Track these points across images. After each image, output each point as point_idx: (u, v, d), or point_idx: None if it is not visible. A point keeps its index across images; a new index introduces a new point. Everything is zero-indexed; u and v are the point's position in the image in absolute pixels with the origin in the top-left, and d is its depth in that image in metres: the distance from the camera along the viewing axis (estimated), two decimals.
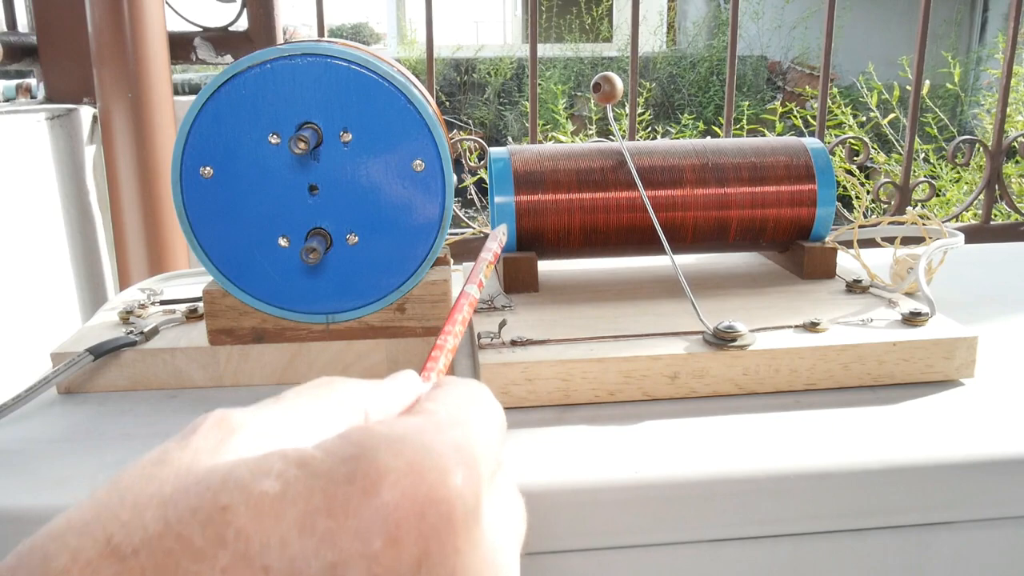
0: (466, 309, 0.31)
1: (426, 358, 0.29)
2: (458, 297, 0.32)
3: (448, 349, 0.29)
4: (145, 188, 0.94)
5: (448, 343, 0.29)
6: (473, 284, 0.33)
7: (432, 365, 0.28)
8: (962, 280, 0.69)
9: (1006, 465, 0.41)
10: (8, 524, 0.37)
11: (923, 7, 1.12)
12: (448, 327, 0.30)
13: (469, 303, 0.32)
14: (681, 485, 0.39)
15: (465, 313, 0.31)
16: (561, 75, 5.70)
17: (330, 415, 0.23)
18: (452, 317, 0.31)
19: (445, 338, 0.29)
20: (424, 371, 0.28)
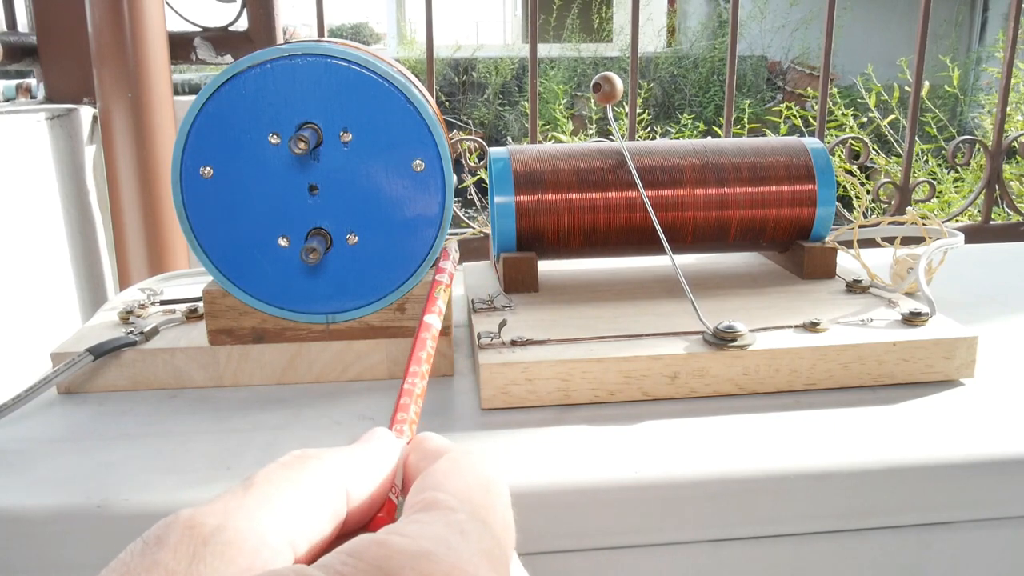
0: (429, 344, 0.28)
1: (394, 407, 0.26)
2: (417, 330, 0.29)
3: (417, 395, 0.26)
4: (145, 188, 0.94)
5: (416, 387, 0.27)
6: (432, 313, 0.29)
7: (403, 416, 0.26)
8: (962, 280, 0.69)
9: (1006, 465, 0.41)
10: (8, 524, 0.37)
11: (923, 7, 1.12)
12: (413, 367, 0.27)
13: (432, 336, 0.28)
14: (681, 485, 0.39)
15: (428, 349, 0.28)
16: (562, 75, 5.70)
17: (310, 501, 0.20)
18: (414, 355, 0.28)
19: (412, 381, 0.27)
20: (394, 423, 0.25)
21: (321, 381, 0.51)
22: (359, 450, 0.23)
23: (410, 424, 0.26)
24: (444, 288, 0.31)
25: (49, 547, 0.38)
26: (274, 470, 0.21)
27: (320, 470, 0.21)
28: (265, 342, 0.50)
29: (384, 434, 0.24)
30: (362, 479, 0.22)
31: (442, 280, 0.32)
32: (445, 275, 0.32)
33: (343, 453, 0.23)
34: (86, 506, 0.38)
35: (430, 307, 0.30)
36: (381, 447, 0.24)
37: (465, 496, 0.21)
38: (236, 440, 0.44)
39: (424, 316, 0.29)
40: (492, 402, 0.46)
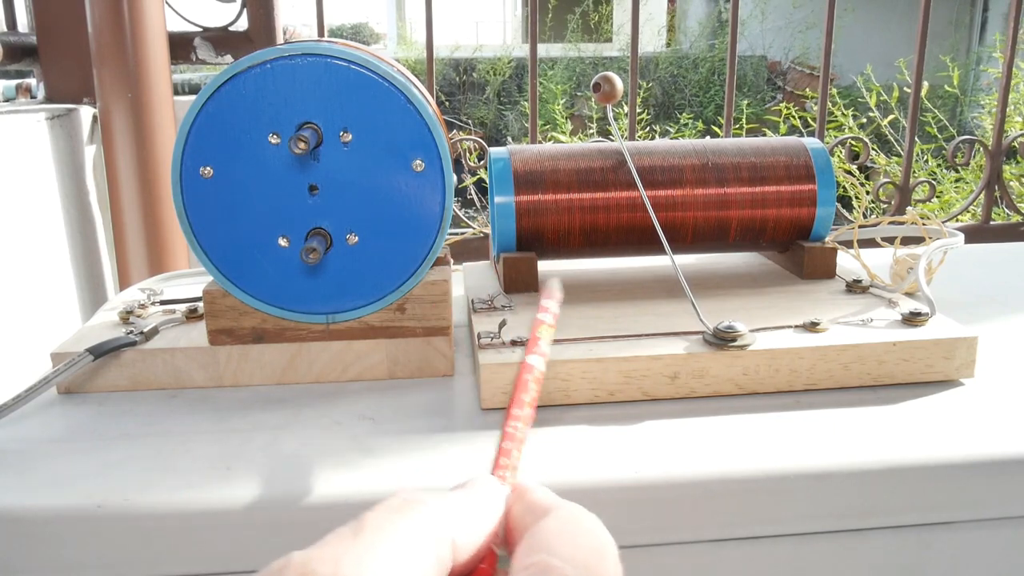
0: (532, 387, 0.27)
1: (496, 451, 0.25)
2: (519, 372, 0.28)
3: (519, 439, 0.26)
4: (145, 188, 0.94)
5: (519, 431, 0.26)
6: (536, 354, 0.28)
7: (506, 462, 0.25)
8: (962, 280, 0.69)
9: (1006, 465, 0.41)
10: (8, 524, 0.37)
11: (923, 7, 1.12)
12: (515, 410, 0.26)
13: (535, 379, 0.28)
14: (681, 485, 0.39)
15: (532, 392, 0.27)
16: (561, 75, 5.70)
17: (417, 550, 0.20)
18: (517, 398, 0.27)
19: (514, 425, 0.26)
20: (497, 469, 0.25)
21: (321, 381, 0.51)
22: (466, 497, 0.23)
23: (512, 471, 0.25)
24: (547, 327, 0.30)
25: (49, 547, 0.38)
26: (383, 514, 0.21)
27: (428, 517, 0.21)
28: (265, 342, 0.50)
29: (489, 481, 0.24)
30: (468, 528, 0.22)
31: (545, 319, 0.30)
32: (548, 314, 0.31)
33: (450, 500, 0.22)
34: (86, 506, 0.38)
35: (532, 347, 0.29)
36: (487, 495, 0.23)
37: (580, 563, 0.20)
38: (236, 440, 0.44)
39: (527, 357, 0.28)
40: (492, 402, 0.46)
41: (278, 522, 0.38)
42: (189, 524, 0.38)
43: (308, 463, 0.41)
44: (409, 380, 0.51)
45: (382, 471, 0.40)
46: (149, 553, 0.38)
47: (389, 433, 0.44)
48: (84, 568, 0.38)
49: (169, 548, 0.38)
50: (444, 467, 0.41)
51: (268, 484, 0.39)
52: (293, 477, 0.40)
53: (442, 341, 0.51)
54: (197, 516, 0.38)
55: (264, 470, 0.40)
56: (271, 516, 0.38)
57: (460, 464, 0.41)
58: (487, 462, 0.41)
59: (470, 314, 0.55)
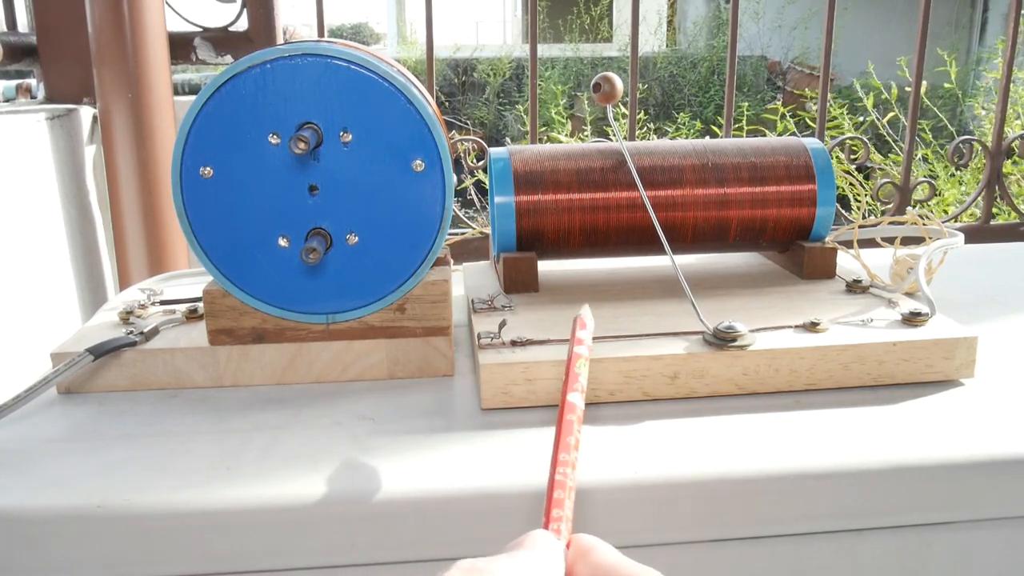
0: (575, 427, 0.26)
1: (547, 501, 0.24)
2: (560, 411, 0.26)
3: (570, 487, 0.24)
4: (145, 188, 0.94)
5: (568, 478, 0.24)
6: (576, 391, 0.27)
7: (559, 514, 0.24)
8: (962, 280, 0.69)
9: (1006, 465, 0.41)
10: (8, 524, 0.37)
11: (923, 7, 1.12)
12: (562, 455, 0.25)
13: (577, 418, 0.26)
14: (681, 485, 0.39)
15: (576, 434, 0.26)
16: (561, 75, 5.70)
17: None
18: (562, 442, 0.25)
19: (563, 472, 0.24)
20: (550, 522, 0.24)
21: (321, 381, 0.51)
22: (527, 560, 0.22)
23: (566, 522, 0.24)
24: (584, 362, 0.28)
25: (49, 547, 0.38)
26: None
27: None
28: (265, 342, 0.50)
29: (546, 538, 0.23)
30: None
31: (581, 353, 0.28)
32: (584, 347, 0.29)
33: (512, 565, 0.22)
34: (86, 506, 0.38)
35: (571, 384, 0.27)
36: (547, 555, 0.23)
37: None
38: (236, 440, 0.44)
39: (567, 395, 0.26)
40: (492, 402, 0.46)
41: (278, 522, 0.38)
42: (189, 524, 0.38)
43: (308, 463, 0.41)
44: (409, 380, 0.51)
45: (382, 471, 0.40)
46: (149, 553, 0.38)
47: (389, 433, 0.44)
48: (84, 568, 0.38)
49: (169, 548, 0.38)
50: (444, 467, 0.41)
51: (268, 484, 0.39)
52: (293, 477, 0.40)
53: (442, 341, 0.51)
54: (197, 516, 0.38)
55: (264, 470, 0.40)
56: (271, 516, 0.38)
57: (460, 464, 0.41)
58: (487, 463, 0.41)
59: (470, 314, 0.55)
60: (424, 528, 0.39)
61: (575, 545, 0.23)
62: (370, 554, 0.39)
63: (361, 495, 0.38)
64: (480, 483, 0.39)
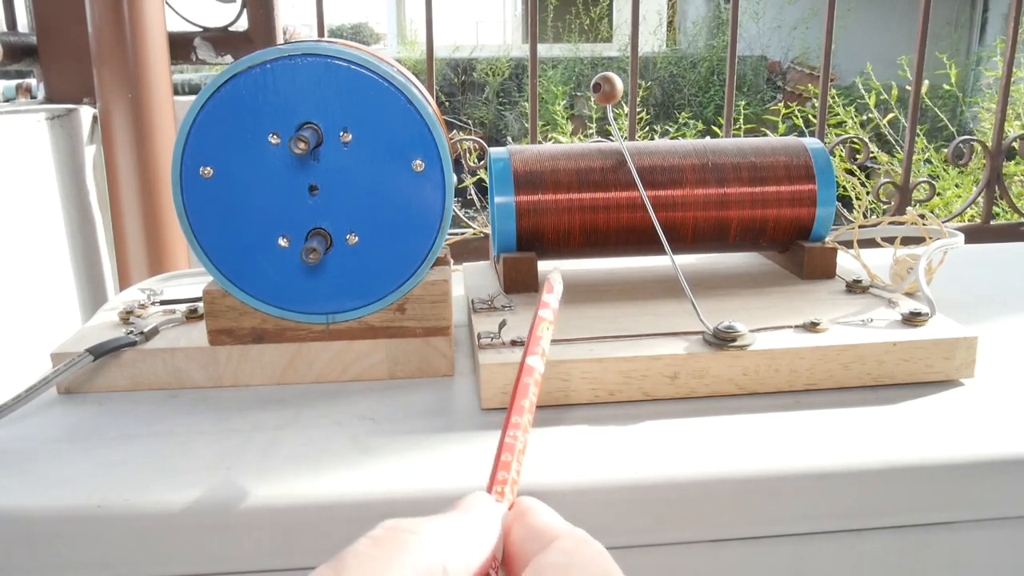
0: (532, 391, 0.25)
1: (494, 464, 0.23)
2: (518, 374, 0.26)
3: (519, 451, 0.24)
4: (145, 188, 0.94)
5: (518, 441, 0.24)
6: (535, 355, 0.26)
7: (504, 476, 0.23)
8: (962, 280, 0.69)
9: (1006, 465, 0.41)
10: (8, 524, 0.37)
11: (923, 7, 1.12)
12: (514, 417, 0.24)
13: (535, 382, 0.26)
14: (681, 485, 0.39)
15: (532, 397, 0.25)
16: (561, 75, 5.70)
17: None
18: (516, 404, 0.25)
19: (513, 435, 0.24)
20: (494, 484, 0.23)
21: (321, 381, 0.51)
22: (458, 521, 0.21)
23: (511, 485, 0.23)
24: (548, 325, 0.27)
25: (49, 547, 0.38)
26: (366, 549, 0.19)
27: (416, 548, 0.20)
28: (265, 342, 0.50)
29: (484, 500, 0.22)
30: (461, 556, 0.20)
31: (546, 316, 0.28)
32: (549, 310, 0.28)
33: (440, 525, 0.21)
34: (86, 506, 0.38)
35: (532, 347, 0.26)
36: (482, 517, 0.22)
37: None
38: (236, 440, 0.44)
39: (526, 358, 0.26)
40: (492, 402, 0.46)
41: (278, 522, 0.38)
42: (189, 524, 0.38)
43: (308, 463, 0.41)
44: (409, 380, 0.51)
45: (382, 471, 0.40)
46: (149, 553, 0.38)
47: (389, 433, 0.44)
48: (84, 568, 0.38)
49: (169, 548, 0.38)
50: (444, 467, 0.41)
51: (268, 484, 0.39)
52: (293, 477, 0.40)
53: (442, 341, 0.51)
54: (197, 516, 0.38)
55: (264, 470, 0.40)
56: (271, 516, 0.38)
57: (460, 464, 0.41)
58: (487, 463, 0.41)
59: (470, 314, 0.55)
60: None
61: (516, 507, 0.23)
62: None
63: (361, 495, 0.38)
64: (480, 483, 0.39)
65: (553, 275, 0.31)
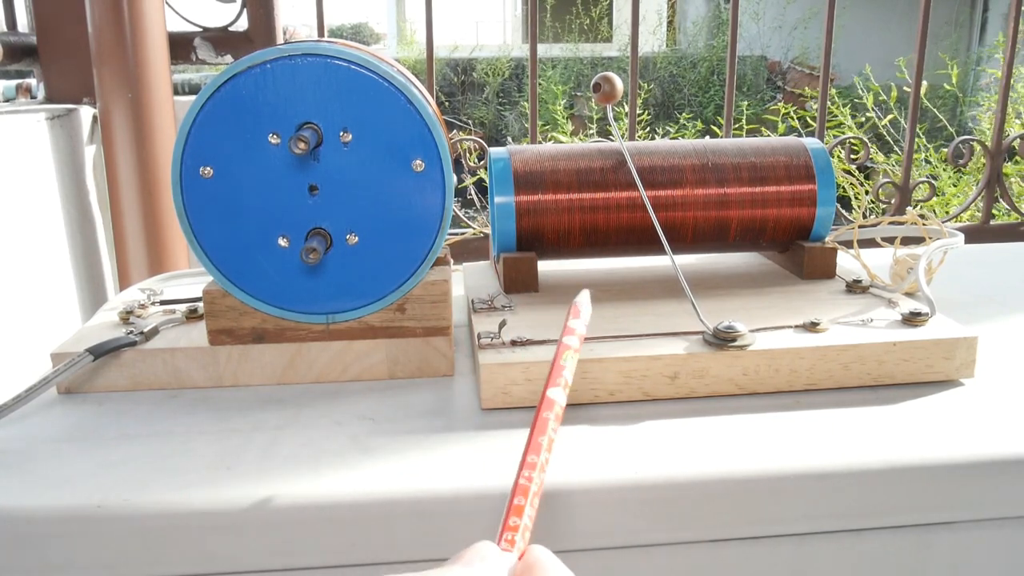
0: (551, 427, 0.23)
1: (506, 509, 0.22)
2: (538, 407, 0.24)
3: (533, 493, 0.22)
4: (145, 188, 0.94)
5: (533, 483, 0.22)
6: (557, 387, 0.24)
7: (515, 523, 0.22)
8: (962, 280, 0.69)
9: (1006, 465, 0.41)
10: (8, 524, 0.37)
11: (923, 7, 1.12)
12: (530, 457, 0.22)
13: (555, 416, 0.23)
14: (681, 485, 0.39)
15: (550, 433, 0.23)
16: (561, 75, 5.70)
17: None
18: (532, 442, 0.23)
19: (528, 475, 0.22)
20: (505, 531, 0.22)
21: (321, 381, 0.51)
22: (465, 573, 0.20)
23: (523, 532, 0.22)
24: (573, 353, 0.25)
25: (49, 547, 0.38)
26: None
27: None
28: (265, 342, 0.50)
29: (490, 553, 0.21)
30: None
31: (571, 344, 0.25)
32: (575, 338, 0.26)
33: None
34: (86, 506, 0.38)
35: (554, 378, 0.24)
36: (485, 573, 0.21)
37: None
38: (236, 440, 0.44)
39: (547, 390, 0.23)
40: (492, 402, 0.46)
41: (278, 522, 0.38)
42: (189, 524, 0.38)
43: (308, 463, 0.41)
44: (409, 380, 0.51)
45: (382, 471, 0.40)
46: (149, 553, 0.38)
47: (389, 433, 0.44)
48: (84, 568, 0.38)
49: (169, 548, 0.38)
50: (444, 467, 0.41)
51: (268, 484, 0.39)
52: (293, 477, 0.40)
53: (442, 341, 0.51)
54: (197, 516, 0.38)
55: (264, 470, 0.40)
56: (271, 516, 0.38)
57: (460, 464, 0.41)
58: (487, 463, 0.41)
59: (470, 314, 0.55)
60: (424, 528, 0.39)
61: (525, 560, 0.22)
62: (370, 554, 0.39)
63: (361, 495, 0.38)
64: (480, 483, 0.39)
65: (581, 298, 0.28)
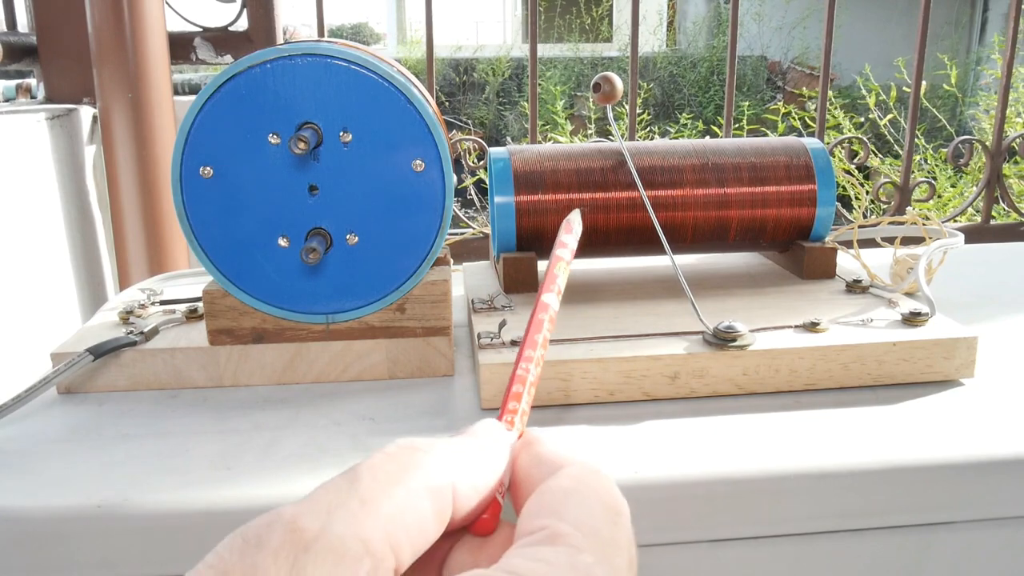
0: (546, 326, 0.25)
1: (505, 394, 0.24)
2: (533, 311, 0.26)
3: (530, 383, 0.24)
4: (145, 188, 0.94)
5: (530, 373, 0.24)
6: (551, 292, 0.26)
7: (514, 406, 0.24)
8: (962, 280, 0.69)
9: (1006, 465, 0.41)
10: (8, 524, 0.37)
11: (923, 7, 1.12)
12: (527, 351, 0.25)
13: (549, 318, 0.26)
14: (681, 485, 0.39)
15: (546, 332, 0.25)
16: (561, 75, 5.70)
17: (416, 502, 0.19)
18: (529, 338, 0.25)
19: (525, 367, 0.24)
20: (504, 413, 0.24)
21: (321, 381, 0.51)
22: (469, 444, 0.22)
23: (521, 416, 0.24)
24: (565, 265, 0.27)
25: (49, 547, 0.38)
26: (380, 463, 0.20)
27: (428, 466, 0.20)
28: (265, 342, 0.50)
29: (494, 427, 0.23)
30: (471, 477, 0.21)
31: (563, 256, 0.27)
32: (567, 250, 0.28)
33: (452, 447, 0.21)
34: (86, 506, 0.38)
35: (548, 285, 0.26)
36: (491, 442, 0.22)
37: (590, 530, 0.19)
38: (236, 440, 0.44)
39: (541, 295, 0.26)
40: (492, 402, 0.46)
41: None
42: (189, 524, 0.38)
43: (308, 463, 0.41)
44: (409, 380, 0.51)
45: None
46: (149, 553, 0.38)
47: (389, 433, 0.44)
48: (84, 568, 0.38)
49: (169, 548, 0.38)
50: None
51: (268, 484, 0.39)
52: (293, 477, 0.40)
53: (442, 341, 0.51)
54: (197, 516, 0.38)
55: (264, 470, 0.40)
56: None
57: None
58: None
59: (470, 314, 0.55)
60: None
61: (524, 437, 0.23)
62: None
63: None
64: None
65: (573, 215, 0.30)
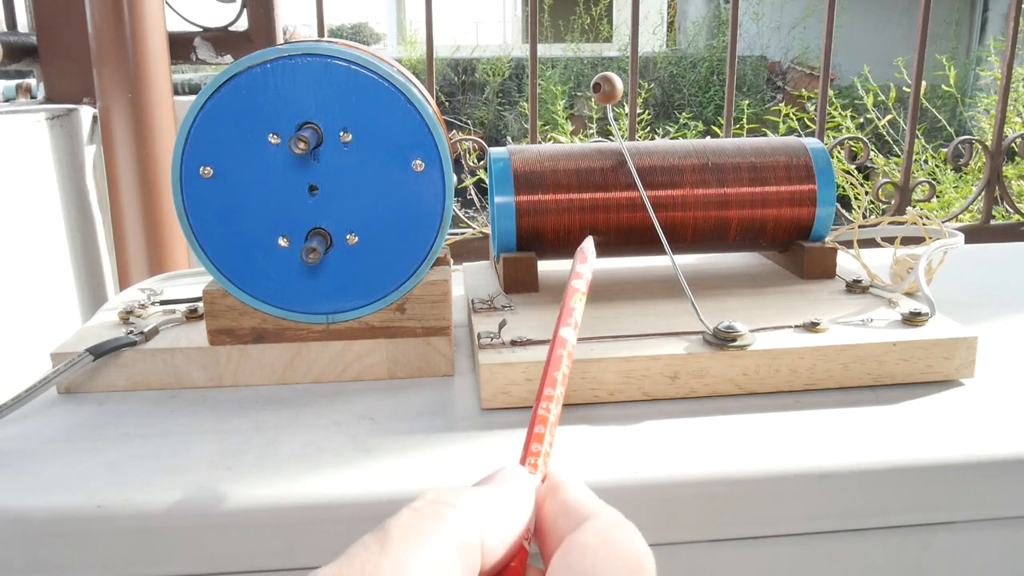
0: (564, 363, 0.25)
1: (527, 436, 0.24)
2: (551, 346, 0.25)
3: (552, 423, 0.24)
4: (145, 188, 0.94)
5: (551, 414, 0.24)
6: (568, 326, 0.26)
7: (537, 449, 0.23)
8: (962, 280, 0.69)
9: (1006, 465, 0.41)
10: (8, 524, 0.37)
11: (923, 7, 1.12)
12: (547, 390, 0.24)
13: (568, 354, 0.25)
14: (681, 485, 0.39)
15: (564, 369, 0.25)
16: (561, 75, 5.70)
17: (447, 561, 0.20)
18: (548, 376, 0.24)
19: (546, 407, 0.24)
20: (527, 456, 0.23)
21: (321, 381, 0.51)
22: (495, 495, 0.22)
23: (544, 457, 0.24)
24: (581, 296, 0.27)
25: (49, 547, 0.38)
26: (409, 522, 0.20)
27: (455, 522, 0.20)
28: (265, 342, 0.50)
29: (518, 474, 0.23)
30: (498, 529, 0.21)
31: (579, 288, 0.27)
32: (582, 281, 0.28)
33: (479, 499, 0.22)
34: (86, 506, 0.38)
35: (565, 318, 0.26)
36: (517, 491, 0.22)
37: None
38: (236, 440, 0.44)
39: (559, 329, 0.25)
40: (492, 402, 0.46)
41: (278, 522, 0.38)
42: (189, 524, 0.38)
43: (308, 463, 0.41)
44: (409, 380, 0.51)
45: (382, 471, 0.40)
46: (149, 553, 0.38)
47: (389, 433, 0.44)
48: (84, 568, 0.38)
49: (169, 548, 0.38)
50: (444, 467, 0.41)
51: (268, 484, 0.39)
52: (293, 477, 0.40)
53: (442, 341, 0.51)
54: (197, 516, 0.38)
55: (264, 470, 0.40)
56: (271, 516, 0.38)
57: (460, 464, 0.41)
58: (488, 463, 0.41)
59: (470, 314, 0.55)
60: None
61: (548, 480, 0.23)
62: None
63: (361, 495, 0.38)
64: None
65: (586, 243, 0.30)
